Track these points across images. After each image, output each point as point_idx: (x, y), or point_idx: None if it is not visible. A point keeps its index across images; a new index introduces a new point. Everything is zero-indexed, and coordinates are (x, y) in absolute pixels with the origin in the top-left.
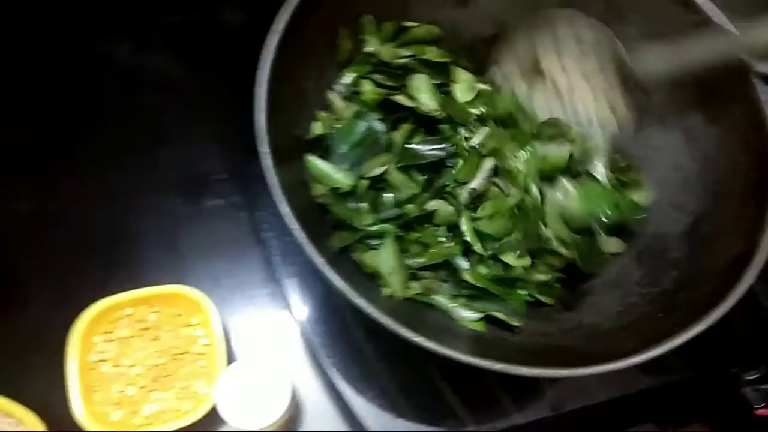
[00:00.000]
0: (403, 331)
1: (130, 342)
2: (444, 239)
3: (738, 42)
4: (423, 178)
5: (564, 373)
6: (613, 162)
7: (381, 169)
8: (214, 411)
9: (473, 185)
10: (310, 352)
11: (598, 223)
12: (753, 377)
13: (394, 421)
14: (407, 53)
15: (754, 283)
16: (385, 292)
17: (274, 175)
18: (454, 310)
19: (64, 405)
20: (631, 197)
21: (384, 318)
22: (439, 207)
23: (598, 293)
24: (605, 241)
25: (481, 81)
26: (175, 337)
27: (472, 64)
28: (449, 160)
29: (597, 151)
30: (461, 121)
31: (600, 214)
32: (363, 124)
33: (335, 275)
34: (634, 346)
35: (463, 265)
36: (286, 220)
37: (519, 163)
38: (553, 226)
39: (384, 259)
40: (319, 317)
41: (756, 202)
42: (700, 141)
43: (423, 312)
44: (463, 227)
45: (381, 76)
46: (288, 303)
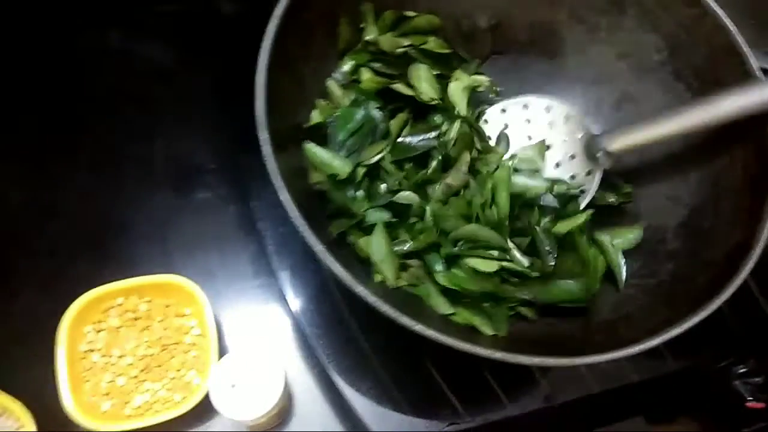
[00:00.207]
0: (403, 318)
1: (120, 332)
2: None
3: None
4: (411, 166)
5: (562, 362)
6: (614, 187)
7: (377, 157)
8: (206, 402)
9: (448, 180)
10: (304, 344)
11: None
12: (743, 370)
13: (388, 412)
14: (407, 43)
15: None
16: (377, 278)
17: (273, 162)
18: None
19: (54, 395)
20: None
21: (383, 305)
22: (411, 200)
23: None
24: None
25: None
26: (167, 328)
27: (471, 55)
28: (435, 152)
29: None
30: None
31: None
32: (360, 112)
33: (335, 262)
34: (631, 336)
35: (437, 267)
36: (286, 206)
37: (490, 167)
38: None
39: (375, 246)
40: (312, 308)
41: (753, 194)
42: (697, 134)
43: (417, 302)
44: (426, 217)
45: (380, 65)
46: (281, 294)
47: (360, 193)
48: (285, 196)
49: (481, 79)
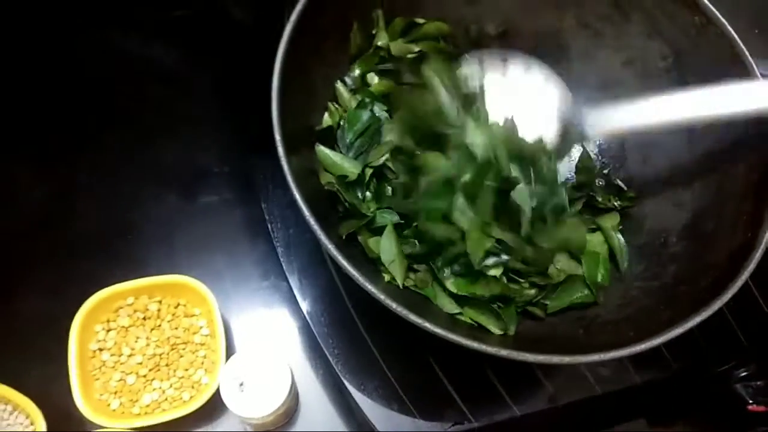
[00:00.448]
0: (412, 316)
1: (130, 331)
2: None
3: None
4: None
5: (566, 360)
6: (618, 192)
7: (384, 158)
8: (214, 400)
9: None
10: (311, 344)
11: None
12: (745, 374)
13: (394, 412)
14: (416, 49)
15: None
16: (386, 278)
17: (286, 163)
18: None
19: (65, 393)
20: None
21: (393, 303)
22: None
23: None
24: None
25: None
26: (176, 327)
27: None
28: None
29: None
30: None
31: None
32: (366, 113)
33: (345, 261)
34: (634, 336)
35: (445, 272)
36: (299, 206)
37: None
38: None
39: (385, 247)
40: (320, 309)
41: (755, 198)
42: (701, 139)
43: (424, 302)
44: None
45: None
46: (289, 295)
47: (369, 194)
48: (298, 196)
49: None
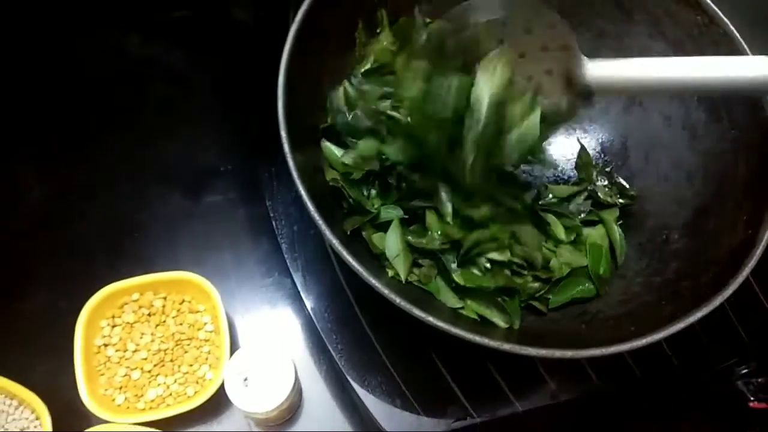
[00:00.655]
0: (416, 311)
1: (135, 327)
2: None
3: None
4: None
5: (569, 354)
6: (619, 189)
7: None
8: (218, 396)
9: None
10: (315, 340)
11: None
12: (746, 371)
13: (397, 408)
14: None
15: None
16: (389, 273)
17: (292, 159)
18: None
19: (70, 388)
20: None
21: (396, 297)
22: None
23: None
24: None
25: None
26: (181, 323)
27: None
28: None
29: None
30: None
31: None
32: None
33: (350, 256)
34: (636, 331)
35: (453, 265)
36: (305, 200)
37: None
38: None
39: (390, 243)
40: (324, 306)
41: (756, 194)
42: (702, 138)
43: (428, 297)
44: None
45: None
46: (293, 292)
47: (373, 191)
48: (303, 192)
49: None
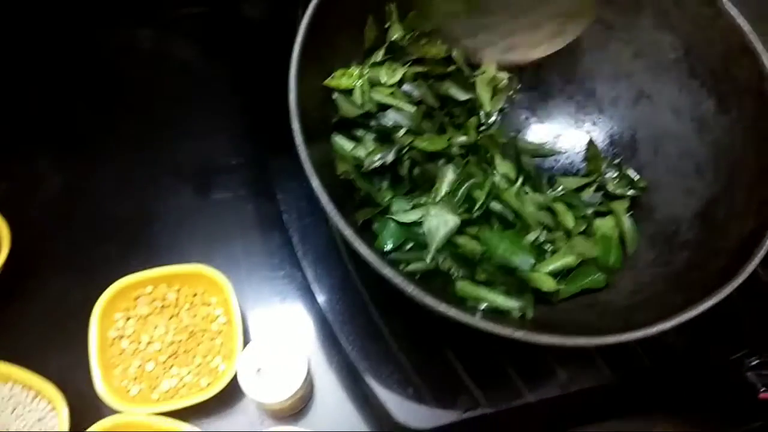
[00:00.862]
0: (428, 299)
1: (149, 319)
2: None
3: None
4: None
5: (581, 341)
6: (629, 180)
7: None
8: (231, 387)
9: None
10: (326, 332)
11: None
12: (756, 362)
13: (408, 398)
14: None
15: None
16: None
17: (305, 151)
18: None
19: (85, 379)
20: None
21: (409, 285)
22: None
23: None
24: None
25: None
26: (194, 315)
27: None
28: None
29: None
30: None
31: None
32: None
33: (363, 245)
34: (646, 321)
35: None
36: (318, 191)
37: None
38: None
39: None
40: (335, 297)
41: (766, 184)
42: (711, 129)
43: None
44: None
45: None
46: (304, 284)
47: (384, 183)
48: (316, 183)
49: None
